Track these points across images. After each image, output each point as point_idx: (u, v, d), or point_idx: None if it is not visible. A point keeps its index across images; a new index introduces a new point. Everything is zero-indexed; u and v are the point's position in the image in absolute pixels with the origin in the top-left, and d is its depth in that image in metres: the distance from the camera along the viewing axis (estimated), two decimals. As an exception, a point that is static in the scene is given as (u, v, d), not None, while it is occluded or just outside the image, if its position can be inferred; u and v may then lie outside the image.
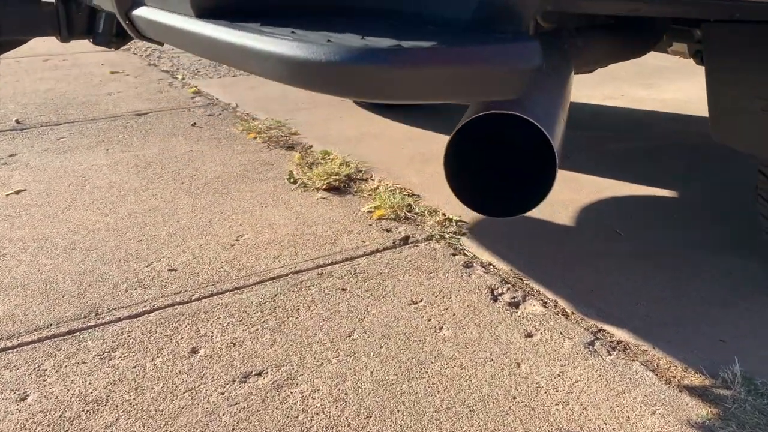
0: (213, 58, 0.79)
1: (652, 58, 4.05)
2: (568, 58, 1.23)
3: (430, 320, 1.50)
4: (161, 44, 1.19)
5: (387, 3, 0.78)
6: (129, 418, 1.17)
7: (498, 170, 1.02)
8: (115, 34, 1.49)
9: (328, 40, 0.65)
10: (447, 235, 1.92)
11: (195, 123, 2.93)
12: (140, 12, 0.91)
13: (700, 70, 1.48)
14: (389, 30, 0.70)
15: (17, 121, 2.88)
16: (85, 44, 4.63)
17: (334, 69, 0.63)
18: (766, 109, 1.22)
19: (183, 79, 3.78)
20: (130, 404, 1.21)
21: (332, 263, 1.74)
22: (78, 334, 1.41)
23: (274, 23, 0.74)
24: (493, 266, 1.76)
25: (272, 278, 1.65)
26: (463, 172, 0.92)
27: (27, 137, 2.68)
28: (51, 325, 1.44)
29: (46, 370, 1.29)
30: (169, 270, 1.68)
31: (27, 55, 4.20)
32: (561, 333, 1.45)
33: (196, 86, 3.59)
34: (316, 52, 0.63)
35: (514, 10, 0.68)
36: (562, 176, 2.42)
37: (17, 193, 2.15)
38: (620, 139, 2.87)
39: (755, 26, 1.19)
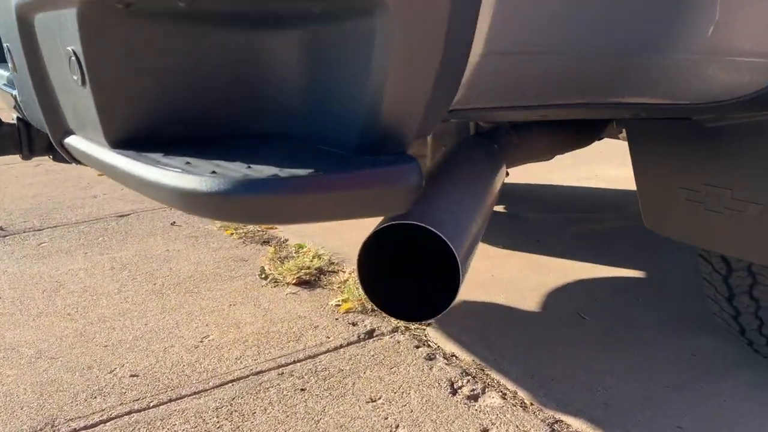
0: (125, 185, 0.84)
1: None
2: (495, 158, 1.29)
3: (386, 419, 1.48)
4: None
5: (287, 128, 0.84)
6: None
7: (413, 274, 1.06)
8: (73, 150, 1.57)
9: (213, 172, 0.70)
10: (412, 327, 1.92)
11: (174, 222, 2.99)
12: (70, 140, 0.97)
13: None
14: (279, 156, 0.75)
15: (1, 228, 2.94)
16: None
17: (217, 199, 0.68)
18: (690, 198, 1.27)
19: (168, 178, 3.88)
20: None
21: (294, 362, 1.74)
22: (31, 448, 1.41)
23: (178, 151, 0.79)
24: (456, 357, 1.76)
25: (232, 380, 1.65)
26: (379, 276, 0.95)
27: (8, 244, 2.73)
28: (5, 439, 1.43)
29: (-7, 488, 1.28)
30: (131, 376, 1.69)
31: (19, 161, 4.32)
32: (517, 426, 1.44)
33: (180, 185, 3.67)
34: (200, 184, 0.68)
35: (395, 134, 0.73)
36: (532, 261, 2.45)
37: (-9, 301, 2.17)
38: (590, 221, 2.92)
39: (666, 122, 1.25)
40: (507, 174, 1.45)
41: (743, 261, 1.38)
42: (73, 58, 0.79)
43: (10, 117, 1.70)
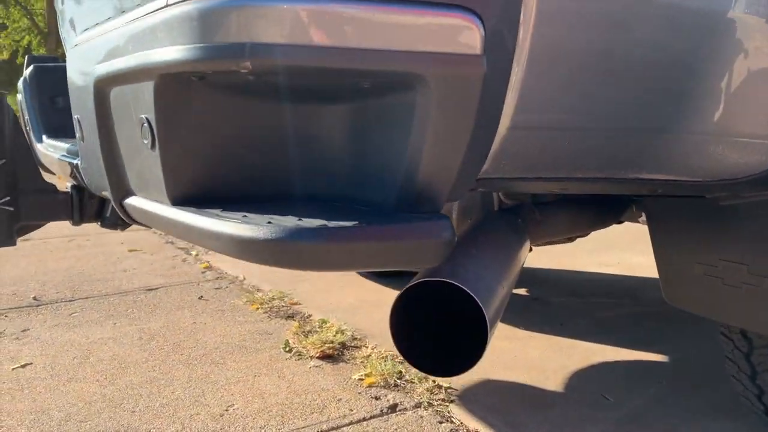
0: (182, 238, 0.93)
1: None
2: (520, 232, 1.36)
3: (409, 490, 1.48)
4: (150, 227, 1.35)
5: (334, 190, 0.92)
6: None
7: (441, 332, 1.11)
8: (120, 217, 1.67)
9: (269, 222, 0.78)
10: (435, 402, 1.93)
11: (202, 296, 3.06)
12: (130, 201, 1.07)
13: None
14: (327, 212, 0.83)
15: (34, 298, 3.04)
16: (108, 225, 4.83)
17: (271, 245, 0.75)
18: (708, 273, 1.32)
19: (197, 255, 3.99)
20: None
21: (318, 432, 1.75)
22: (58, 507, 1.42)
23: (234, 208, 0.88)
24: (479, 433, 1.76)
25: (256, 448, 1.66)
26: (410, 332, 1.01)
27: (41, 313, 2.82)
28: (33, 497, 1.45)
29: None
30: (157, 441, 1.71)
31: (54, 236, 4.49)
32: (541, 501, 1.43)
33: (207, 261, 3.78)
34: (257, 232, 0.76)
35: (430, 196, 0.81)
36: (554, 343, 2.46)
37: (23, 366, 2.23)
38: (612, 305, 2.94)
39: (683, 200, 1.32)
40: (530, 249, 1.51)
41: (765, 338, 1.40)
42: (146, 124, 0.89)
43: (64, 186, 1.82)
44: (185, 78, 0.82)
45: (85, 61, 1.14)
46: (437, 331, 1.09)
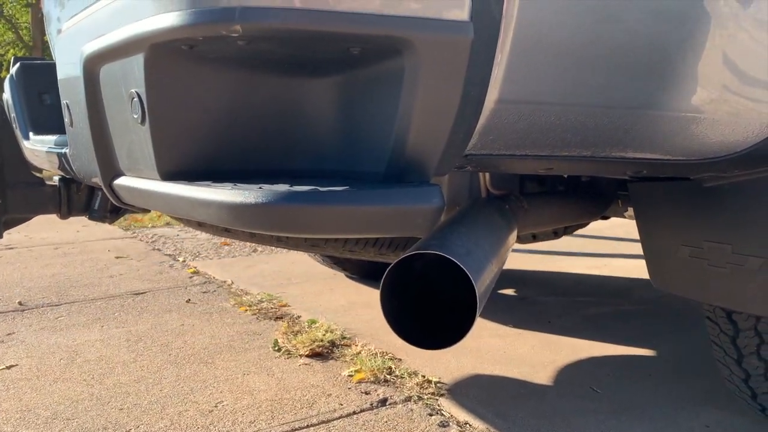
0: (172, 212, 0.93)
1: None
2: (508, 218, 1.37)
3: (401, 478, 1.48)
4: (143, 211, 1.35)
5: (322, 165, 0.93)
6: None
7: (430, 307, 1.11)
8: (108, 210, 1.67)
9: (260, 188, 0.78)
10: (425, 396, 1.93)
11: (189, 299, 3.04)
12: (120, 181, 1.07)
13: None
14: (317, 182, 0.84)
15: (20, 303, 3.00)
16: (93, 233, 4.89)
17: (263, 209, 0.76)
18: (693, 255, 1.33)
19: (184, 261, 3.97)
20: None
21: (308, 426, 1.74)
22: (45, 500, 1.40)
23: (223, 181, 0.88)
24: (469, 425, 1.76)
25: (246, 441, 1.65)
26: (399, 307, 1.01)
27: (27, 317, 2.79)
28: (19, 492, 1.43)
29: None
30: (146, 436, 1.70)
31: (39, 244, 4.45)
32: (532, 487, 1.43)
33: (195, 267, 3.76)
34: (248, 196, 0.76)
35: (419, 166, 0.82)
36: (543, 339, 2.47)
37: (8, 368, 2.20)
38: (599, 304, 2.96)
39: (668, 183, 1.34)
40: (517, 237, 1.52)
41: (750, 320, 1.42)
42: (136, 99, 0.90)
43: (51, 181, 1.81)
44: (175, 48, 0.82)
45: (73, 43, 1.14)
46: (427, 308, 1.10)
